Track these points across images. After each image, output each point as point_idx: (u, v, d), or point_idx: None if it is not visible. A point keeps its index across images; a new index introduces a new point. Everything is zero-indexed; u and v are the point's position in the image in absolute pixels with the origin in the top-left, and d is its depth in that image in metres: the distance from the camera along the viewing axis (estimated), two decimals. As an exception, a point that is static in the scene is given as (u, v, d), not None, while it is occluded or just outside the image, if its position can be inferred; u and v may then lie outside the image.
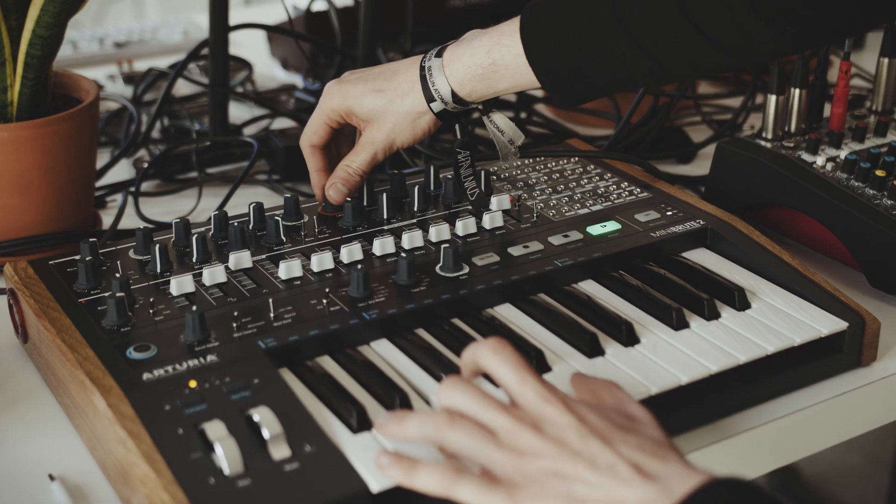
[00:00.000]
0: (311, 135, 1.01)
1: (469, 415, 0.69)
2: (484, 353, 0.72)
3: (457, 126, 1.00)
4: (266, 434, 0.71)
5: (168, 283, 0.88)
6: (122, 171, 1.28)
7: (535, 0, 0.92)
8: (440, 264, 0.90)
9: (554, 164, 1.11)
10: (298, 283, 0.89)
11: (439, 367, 0.81)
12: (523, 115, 1.41)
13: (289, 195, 0.99)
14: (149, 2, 3.25)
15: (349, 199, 0.98)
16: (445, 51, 0.96)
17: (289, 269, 0.89)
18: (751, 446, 0.83)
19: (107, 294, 0.86)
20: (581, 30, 0.89)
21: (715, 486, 0.63)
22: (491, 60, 0.93)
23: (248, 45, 1.67)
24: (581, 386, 0.75)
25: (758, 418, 0.84)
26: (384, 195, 0.99)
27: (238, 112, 1.44)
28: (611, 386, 0.74)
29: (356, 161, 0.98)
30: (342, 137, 1.04)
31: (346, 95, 0.98)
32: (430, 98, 0.95)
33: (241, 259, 0.91)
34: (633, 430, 0.68)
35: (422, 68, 0.96)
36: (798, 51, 0.96)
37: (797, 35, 0.86)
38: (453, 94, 0.95)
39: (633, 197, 1.04)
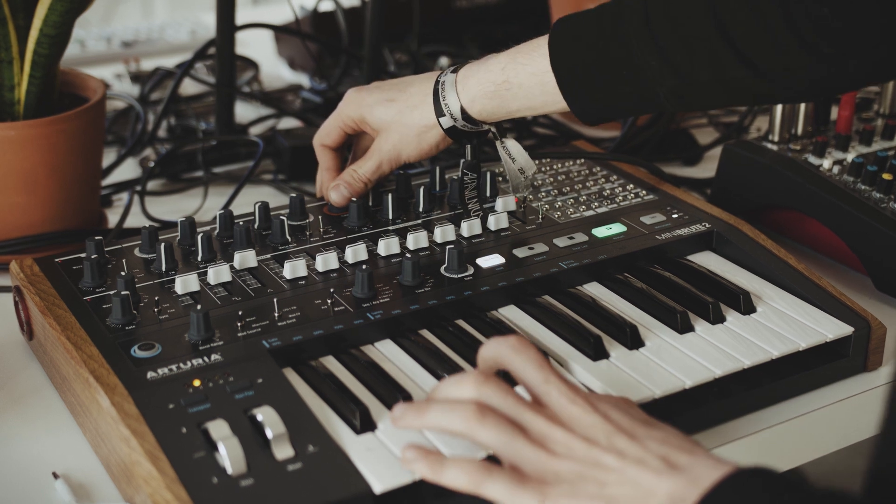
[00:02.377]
0: (325, 135, 1.02)
1: (500, 410, 0.69)
2: (506, 351, 0.72)
3: (468, 147, 1.00)
4: (269, 434, 0.71)
5: (173, 281, 0.88)
6: (129, 169, 1.28)
7: (567, 15, 0.91)
8: (445, 265, 0.90)
9: (560, 165, 1.11)
10: (303, 282, 0.89)
11: (443, 369, 0.81)
12: (530, 117, 1.40)
13: (294, 195, 0.99)
14: (157, 1, 3.25)
15: (354, 199, 0.98)
16: (463, 67, 0.95)
17: (293, 268, 0.89)
18: (755, 450, 0.83)
19: (112, 292, 0.86)
20: (610, 41, 0.87)
21: (742, 476, 0.63)
22: (505, 78, 0.92)
23: (255, 45, 1.67)
24: (596, 396, 0.75)
25: (762, 422, 0.84)
26: (389, 195, 0.99)
27: (244, 111, 1.44)
28: (625, 399, 0.74)
29: (362, 168, 0.99)
30: (360, 148, 1.04)
31: (361, 103, 0.98)
32: (439, 113, 0.95)
33: (245, 258, 0.91)
34: (656, 426, 0.69)
35: (436, 83, 0.96)
36: (838, 86, 0.88)
37: (834, 57, 0.82)
38: (463, 111, 0.94)
39: (639, 199, 1.03)
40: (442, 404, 0.70)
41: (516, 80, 0.91)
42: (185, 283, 0.87)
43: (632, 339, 0.85)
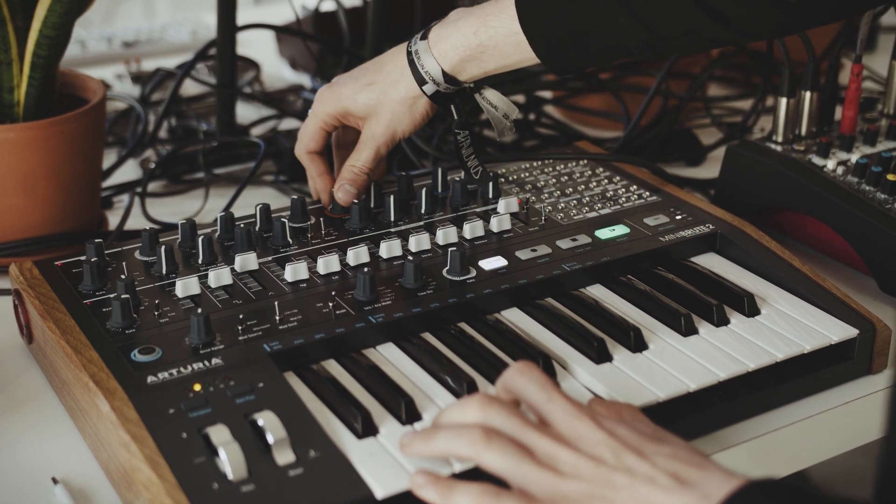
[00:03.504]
0: (309, 141, 1.01)
1: (505, 433, 0.68)
2: (509, 375, 0.72)
3: (452, 107, 1.00)
4: (270, 439, 0.71)
5: (173, 284, 0.88)
6: (129, 171, 1.28)
7: None
8: (447, 268, 0.90)
9: (562, 166, 1.10)
10: (304, 285, 0.88)
11: (445, 372, 0.80)
12: (532, 117, 1.40)
13: (296, 196, 0.99)
14: (159, 1, 3.25)
15: (355, 201, 0.97)
16: (430, 32, 0.96)
17: (295, 271, 0.89)
18: (759, 453, 0.83)
19: (112, 296, 0.85)
20: (577, 2, 0.90)
21: (752, 488, 0.62)
22: (478, 41, 0.93)
23: (256, 45, 1.66)
24: (600, 404, 0.75)
25: (767, 425, 0.83)
26: (391, 197, 0.98)
27: (245, 112, 1.43)
28: (631, 406, 0.74)
29: (360, 159, 0.98)
30: (344, 142, 1.04)
31: (340, 97, 0.98)
32: (421, 81, 0.96)
33: (247, 261, 0.90)
34: (665, 441, 0.68)
35: (409, 53, 0.96)
36: (799, 29, 0.95)
37: (798, 7, 0.86)
38: (444, 73, 0.95)
39: (642, 200, 1.03)
40: (448, 430, 0.70)
41: (490, 42, 0.93)
42: (186, 287, 0.87)
43: (635, 342, 0.84)
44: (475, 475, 0.70)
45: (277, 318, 0.84)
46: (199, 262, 0.91)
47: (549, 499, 0.66)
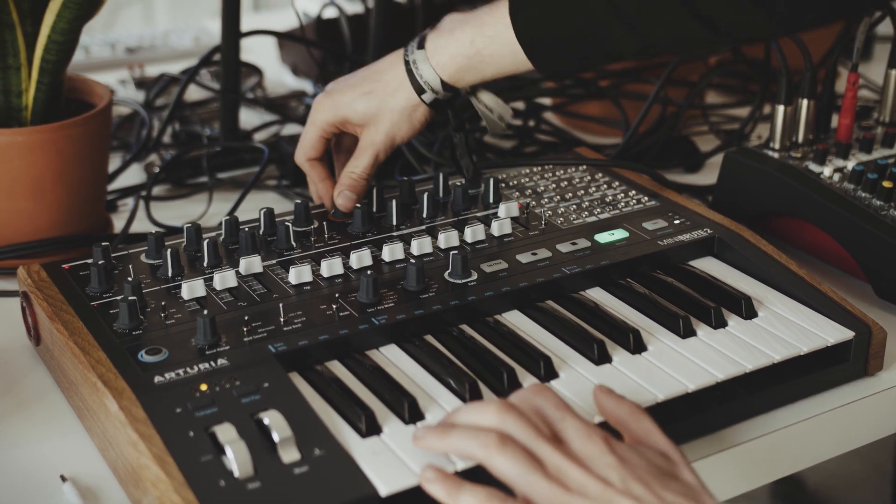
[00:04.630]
0: (309, 149, 1.02)
1: (519, 441, 0.70)
2: (525, 393, 0.73)
3: (450, 112, 1.02)
4: (276, 437, 0.72)
5: (179, 287, 0.89)
6: (134, 175, 1.29)
7: None
8: (449, 271, 0.91)
9: (562, 172, 1.11)
10: (308, 288, 0.90)
11: (447, 373, 0.81)
12: (532, 123, 1.41)
13: (299, 201, 1.00)
14: (158, 7, 3.26)
15: (358, 205, 0.99)
16: (427, 41, 0.98)
17: (299, 274, 0.90)
18: (757, 455, 0.84)
19: (119, 297, 0.86)
20: (571, 10, 0.91)
21: None
22: (475, 50, 0.95)
23: (259, 51, 1.68)
24: (607, 410, 0.75)
25: (764, 427, 0.84)
26: (394, 202, 1.00)
27: (248, 117, 1.45)
28: (636, 413, 0.74)
29: (359, 166, 1.00)
30: (343, 147, 1.05)
31: (338, 105, 0.99)
32: (419, 90, 0.97)
33: (251, 264, 0.92)
34: (673, 475, 0.68)
35: (406, 62, 0.98)
36: (786, 33, 0.98)
37: (788, 15, 0.88)
38: (442, 83, 0.97)
39: (641, 205, 1.04)
40: (464, 429, 0.71)
41: (486, 51, 0.95)
42: (192, 289, 0.88)
43: (635, 344, 0.85)
44: (477, 475, 0.71)
45: (282, 319, 0.85)
46: (205, 264, 0.93)
47: None
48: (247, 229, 0.95)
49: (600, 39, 0.92)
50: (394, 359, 0.84)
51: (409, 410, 0.77)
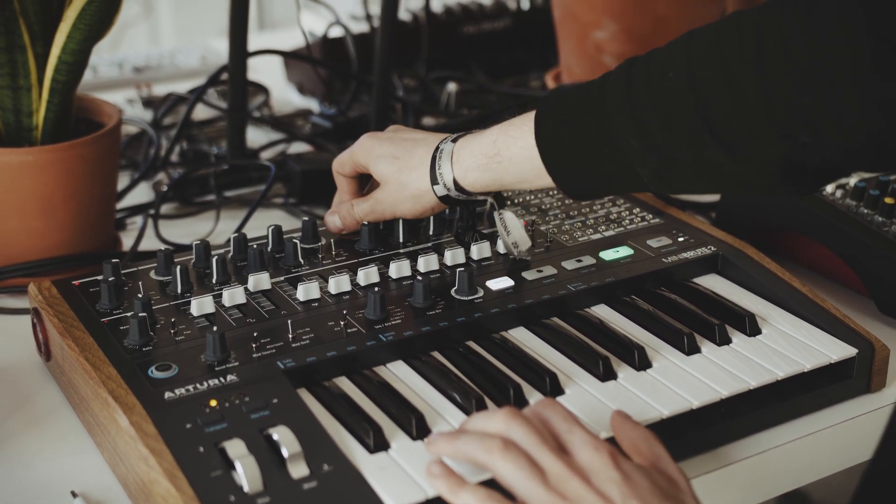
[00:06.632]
0: (339, 165, 1.02)
1: (524, 448, 0.71)
2: (535, 407, 0.74)
3: (458, 210, 1.01)
4: (285, 453, 0.73)
5: (189, 303, 0.90)
6: (142, 193, 1.30)
7: (558, 87, 0.91)
8: (455, 288, 0.92)
9: (567, 189, 1.12)
10: (316, 304, 0.90)
11: (454, 389, 0.82)
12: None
13: (307, 218, 1.01)
14: (163, 26, 3.28)
15: (365, 223, 0.99)
16: (462, 138, 0.94)
17: (307, 291, 0.91)
18: (760, 471, 0.84)
19: (129, 314, 0.87)
20: (593, 119, 0.85)
21: None
22: (496, 150, 0.90)
23: (265, 71, 1.69)
24: (620, 432, 0.75)
25: (767, 443, 0.85)
26: (400, 220, 1.00)
27: (255, 136, 1.46)
28: (649, 438, 0.74)
29: (358, 209, 0.99)
30: (374, 182, 1.04)
31: (371, 153, 0.98)
32: (433, 181, 0.94)
33: (260, 281, 0.93)
34: (676, 501, 0.69)
35: (436, 149, 0.95)
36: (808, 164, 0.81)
37: (810, 146, 0.77)
38: (455, 182, 0.93)
39: (645, 223, 1.05)
40: (472, 435, 0.72)
41: (507, 153, 0.90)
42: (201, 305, 0.89)
43: (639, 361, 0.86)
44: (495, 487, 0.72)
45: (290, 336, 0.86)
46: (214, 281, 0.94)
47: None
48: (255, 246, 0.96)
49: (617, 152, 0.84)
50: (401, 375, 0.85)
51: (417, 426, 0.78)
